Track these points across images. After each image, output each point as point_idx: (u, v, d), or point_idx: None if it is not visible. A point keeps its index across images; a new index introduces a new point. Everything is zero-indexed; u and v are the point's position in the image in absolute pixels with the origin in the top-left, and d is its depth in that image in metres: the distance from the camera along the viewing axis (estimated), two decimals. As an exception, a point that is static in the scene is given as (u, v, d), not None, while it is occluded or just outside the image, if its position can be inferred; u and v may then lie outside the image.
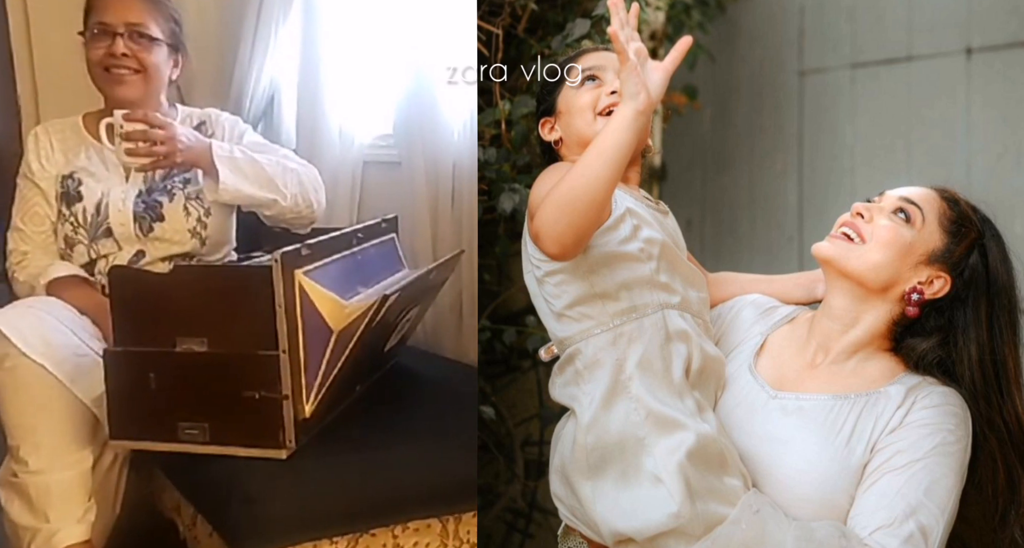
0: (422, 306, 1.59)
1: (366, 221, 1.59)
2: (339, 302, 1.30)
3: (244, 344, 1.21)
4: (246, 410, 1.22)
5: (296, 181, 1.65)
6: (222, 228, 1.67)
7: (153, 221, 1.59)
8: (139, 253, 1.60)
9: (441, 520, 1.32)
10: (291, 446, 1.23)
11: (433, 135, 1.73)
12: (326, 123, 1.91)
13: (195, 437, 1.25)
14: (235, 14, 1.94)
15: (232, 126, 1.74)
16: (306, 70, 1.93)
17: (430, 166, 1.74)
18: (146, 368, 1.26)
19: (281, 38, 1.93)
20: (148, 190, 1.62)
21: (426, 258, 1.69)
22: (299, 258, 1.25)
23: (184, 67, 1.69)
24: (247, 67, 1.95)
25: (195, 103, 1.68)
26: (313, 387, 1.25)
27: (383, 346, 1.48)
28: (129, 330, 1.28)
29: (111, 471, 1.42)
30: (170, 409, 1.26)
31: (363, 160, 1.93)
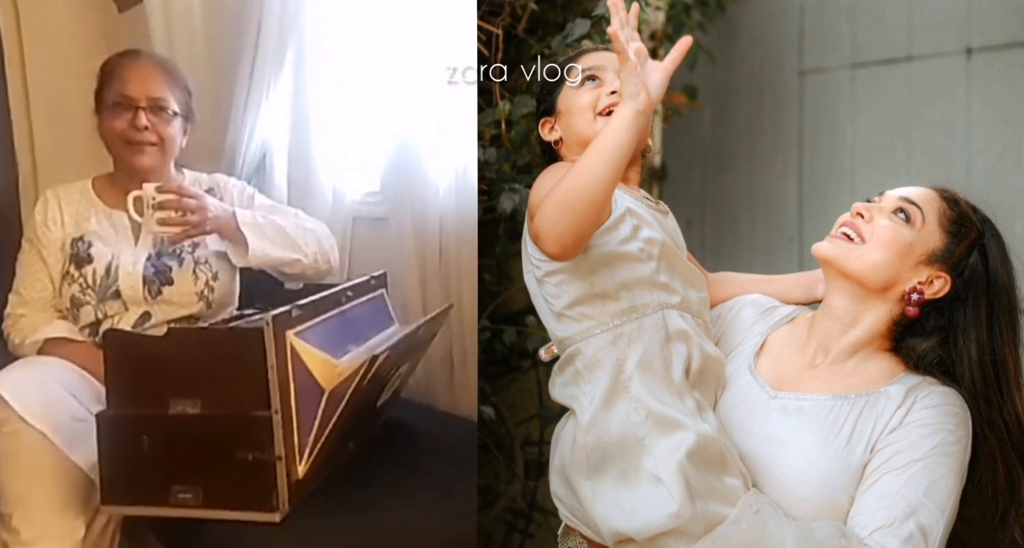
0: (412, 361, 1.60)
1: (357, 275, 1.62)
2: (330, 362, 1.31)
3: (237, 405, 1.21)
4: (239, 472, 1.21)
5: (314, 239, 1.70)
6: (228, 291, 1.70)
7: (162, 285, 1.61)
8: (145, 315, 1.61)
9: None
10: (285, 509, 1.21)
11: (420, 191, 1.76)
12: (317, 180, 1.95)
13: (188, 501, 1.24)
14: (227, 78, 1.97)
15: (241, 191, 1.77)
16: (297, 128, 1.97)
17: (417, 221, 1.77)
18: (139, 430, 1.25)
19: (272, 99, 1.97)
20: (157, 254, 1.64)
21: (416, 313, 1.71)
22: (290, 319, 1.25)
23: (190, 134, 1.73)
24: (240, 128, 1.98)
25: (189, 164, 1.73)
26: (306, 447, 1.25)
27: (375, 402, 1.49)
28: (123, 392, 1.27)
29: (103, 538, 1.41)
30: (163, 472, 1.25)
31: (352, 216, 1.97)
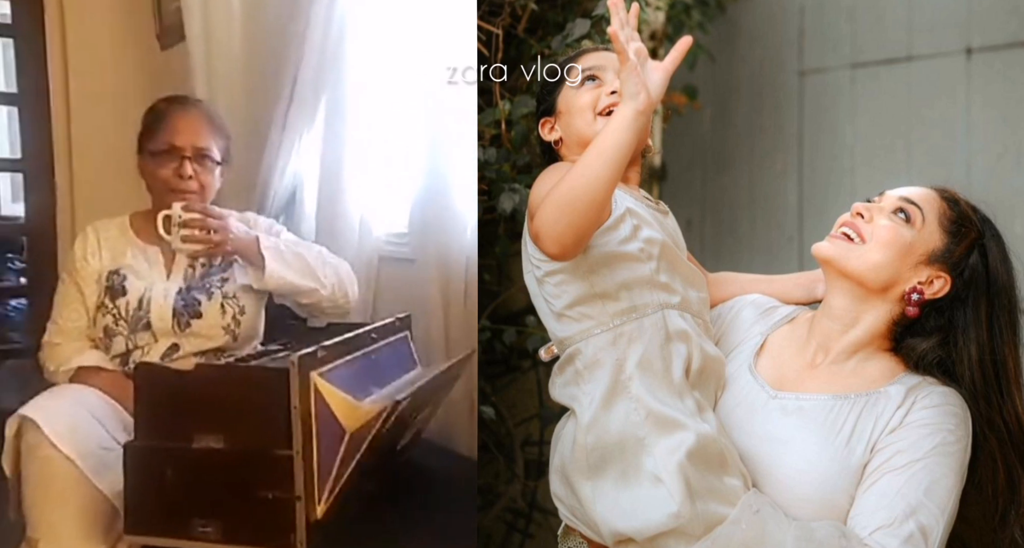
0: (434, 404, 1.62)
1: (381, 316, 1.64)
2: (352, 404, 1.32)
3: (259, 443, 1.23)
4: (259, 509, 1.23)
5: (333, 272, 1.73)
6: (253, 324, 1.74)
7: (191, 318, 1.65)
8: (173, 346, 1.65)
9: None
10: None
11: (447, 233, 1.76)
12: (346, 219, 1.98)
13: (208, 535, 1.25)
14: (264, 118, 2.01)
15: (269, 227, 1.82)
16: (327, 169, 2.01)
17: (442, 264, 1.77)
18: (164, 463, 1.27)
19: (305, 142, 2.01)
20: (188, 288, 1.68)
21: (438, 355, 1.72)
22: (315, 360, 1.26)
23: (226, 175, 1.79)
24: (272, 169, 2.04)
25: (222, 202, 1.78)
26: (326, 488, 1.26)
27: (395, 445, 1.51)
28: (149, 424, 1.30)
29: None
30: (185, 505, 1.27)
31: (379, 255, 1.99)
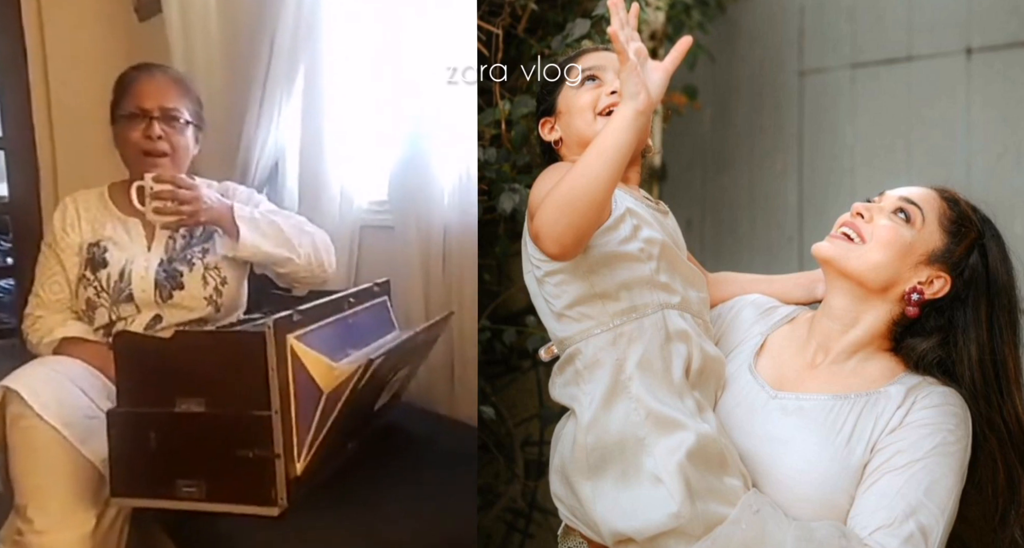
0: (412, 366, 1.64)
1: (362, 283, 1.65)
2: (328, 364, 1.35)
3: (239, 405, 1.26)
4: (240, 468, 1.26)
5: (310, 242, 1.74)
6: (236, 295, 1.75)
7: (173, 289, 1.66)
8: (156, 318, 1.66)
9: None
10: (283, 504, 1.26)
11: (425, 200, 1.79)
12: (327, 189, 2.01)
13: (192, 494, 1.29)
14: (242, 88, 2.05)
15: (248, 197, 1.82)
16: (308, 138, 2.03)
17: (422, 230, 1.80)
18: (147, 427, 1.30)
19: (285, 111, 2.04)
20: (169, 259, 1.69)
21: (418, 320, 1.74)
22: (291, 323, 1.30)
23: (202, 143, 1.78)
24: (252, 139, 2.07)
25: (205, 173, 1.79)
26: (304, 446, 1.29)
27: (373, 405, 1.53)
28: (132, 391, 1.33)
29: (113, 529, 1.46)
30: (169, 467, 1.30)
31: (360, 225, 2.01)
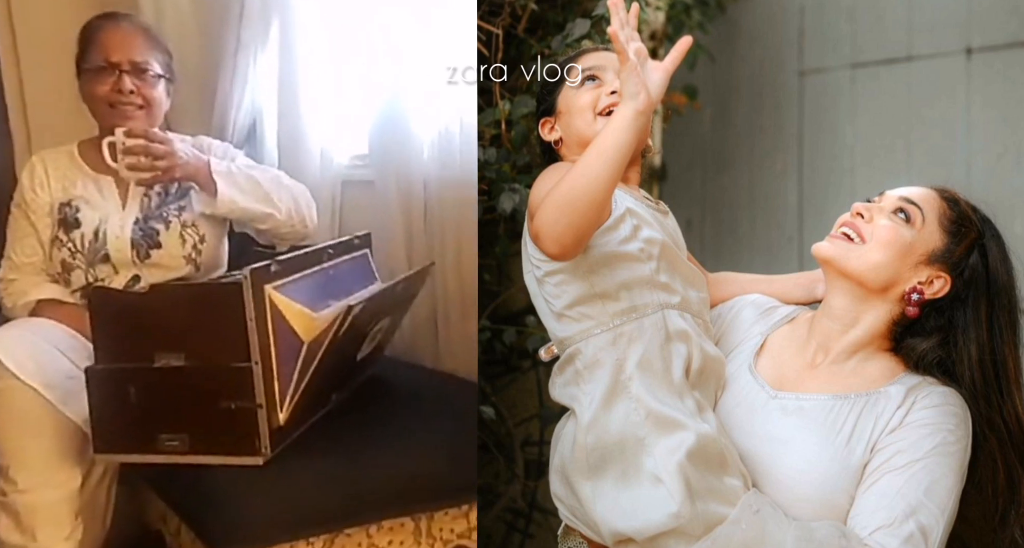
0: (393, 317, 1.63)
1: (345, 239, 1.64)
2: (308, 314, 1.35)
3: (219, 357, 1.26)
4: (223, 420, 1.27)
5: (290, 197, 1.71)
6: (215, 253, 1.72)
7: (150, 248, 1.63)
8: (135, 278, 1.63)
9: (414, 518, 1.36)
10: (267, 453, 1.27)
11: (405, 153, 1.79)
12: (307, 145, 1.99)
13: (175, 448, 1.29)
14: (214, 43, 2.02)
15: (224, 151, 1.78)
16: (286, 94, 2.01)
17: (403, 184, 1.80)
18: (126, 383, 1.30)
19: (261, 64, 2.01)
20: (145, 218, 1.65)
21: (400, 272, 1.73)
22: (268, 274, 1.29)
23: (173, 97, 1.73)
24: (228, 94, 2.03)
25: (180, 131, 1.74)
26: (287, 396, 1.30)
27: (355, 356, 1.52)
28: (109, 348, 1.32)
29: (100, 487, 1.45)
30: (150, 422, 1.30)
31: (342, 180, 2.00)
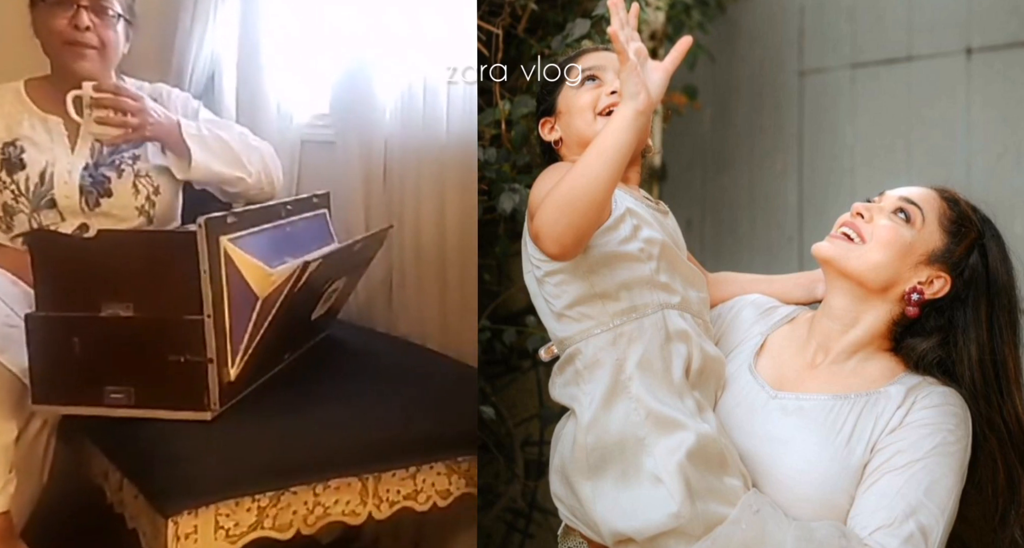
0: (350, 279, 1.61)
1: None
2: (264, 269, 1.32)
3: (169, 309, 1.23)
4: (171, 374, 1.24)
5: (259, 158, 1.67)
6: (170, 206, 1.66)
7: (100, 196, 1.57)
8: (83, 226, 1.56)
9: (361, 479, 1.35)
10: (215, 408, 1.25)
11: (367, 113, 1.76)
12: (266, 102, 1.94)
13: (120, 401, 1.26)
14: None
15: (185, 102, 1.72)
16: (245, 48, 1.97)
17: (364, 145, 1.78)
18: (70, 333, 1.26)
19: (221, 14, 1.96)
20: (95, 164, 1.58)
21: (359, 233, 1.72)
22: (224, 225, 1.26)
23: (132, 41, 1.67)
24: (187, 42, 1.97)
25: (136, 76, 1.68)
26: (238, 351, 1.27)
27: (310, 315, 1.51)
28: (52, 294, 1.28)
29: (37, 440, 1.41)
30: (95, 374, 1.27)
31: (301, 139, 1.98)
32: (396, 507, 1.38)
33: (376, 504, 1.36)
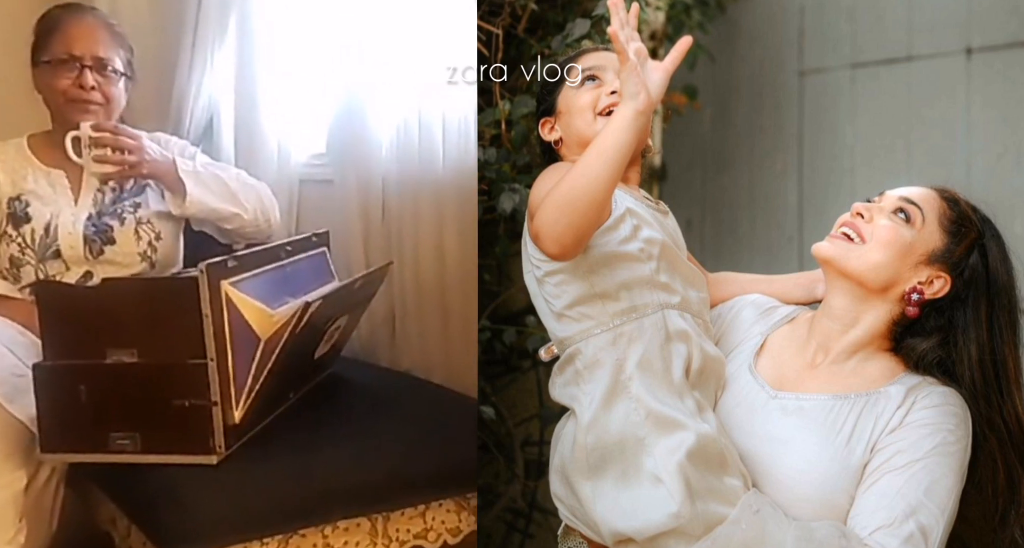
0: (352, 316, 1.62)
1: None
2: (265, 311, 1.33)
3: (173, 354, 1.24)
4: (176, 418, 1.25)
5: (255, 196, 1.70)
6: (171, 250, 1.70)
7: (104, 244, 1.60)
8: (87, 274, 1.60)
9: (370, 518, 1.34)
10: (221, 451, 1.25)
11: (363, 151, 1.78)
12: (263, 143, 1.97)
13: (127, 447, 1.27)
14: (171, 38, 2.00)
15: (183, 149, 1.76)
16: (242, 92, 1.99)
17: (362, 182, 1.79)
18: (76, 381, 1.27)
19: (217, 61, 1.99)
20: (98, 213, 1.63)
21: (359, 271, 1.74)
22: (225, 269, 1.28)
23: (131, 92, 1.71)
24: (185, 89, 2.01)
25: (136, 127, 1.71)
26: (242, 394, 1.28)
27: (312, 354, 1.51)
28: (58, 343, 1.29)
29: (46, 488, 1.41)
30: (101, 420, 1.28)
31: (299, 179, 2.00)
32: (406, 547, 1.37)
33: (386, 544, 1.35)
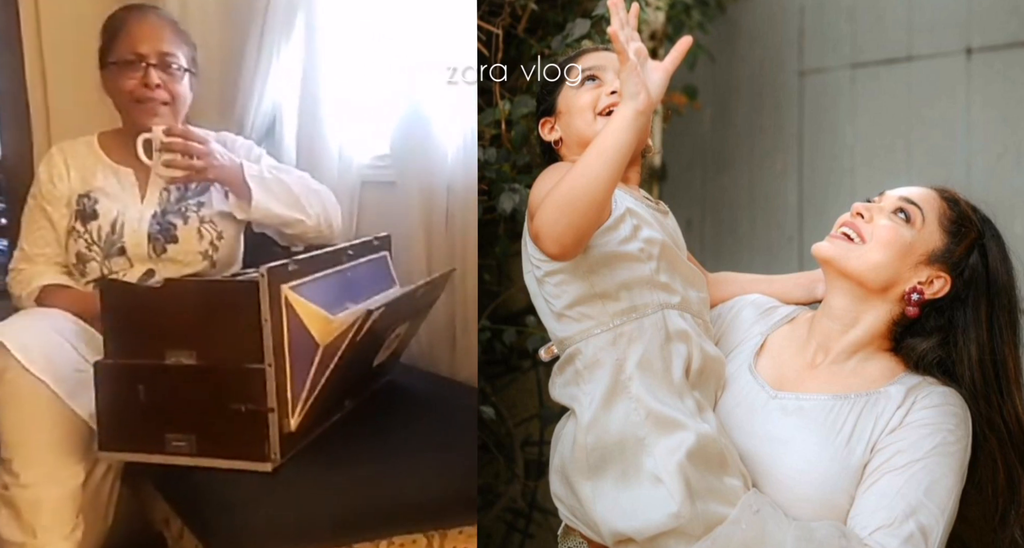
0: (412, 323, 1.60)
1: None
2: (325, 316, 1.32)
3: (231, 357, 1.23)
4: (233, 422, 1.24)
5: (319, 201, 1.70)
6: (232, 250, 1.71)
7: (167, 242, 1.62)
8: (149, 272, 1.62)
9: (426, 535, 1.30)
10: (276, 459, 1.24)
11: (427, 155, 1.75)
12: (326, 144, 1.95)
13: (182, 449, 1.27)
14: (238, 38, 1.98)
15: (248, 150, 1.76)
16: (307, 92, 1.98)
17: (425, 187, 1.76)
18: (135, 380, 1.27)
19: (283, 61, 1.97)
20: (163, 212, 1.64)
21: (420, 277, 1.70)
22: (286, 273, 1.27)
23: (195, 91, 1.72)
24: (250, 89, 2.00)
25: (200, 125, 1.72)
26: (299, 401, 1.27)
27: (371, 361, 1.49)
28: (119, 342, 1.29)
29: (103, 484, 1.43)
30: (158, 421, 1.27)
31: (361, 180, 1.98)
32: (462, 565, 1.33)
33: None
